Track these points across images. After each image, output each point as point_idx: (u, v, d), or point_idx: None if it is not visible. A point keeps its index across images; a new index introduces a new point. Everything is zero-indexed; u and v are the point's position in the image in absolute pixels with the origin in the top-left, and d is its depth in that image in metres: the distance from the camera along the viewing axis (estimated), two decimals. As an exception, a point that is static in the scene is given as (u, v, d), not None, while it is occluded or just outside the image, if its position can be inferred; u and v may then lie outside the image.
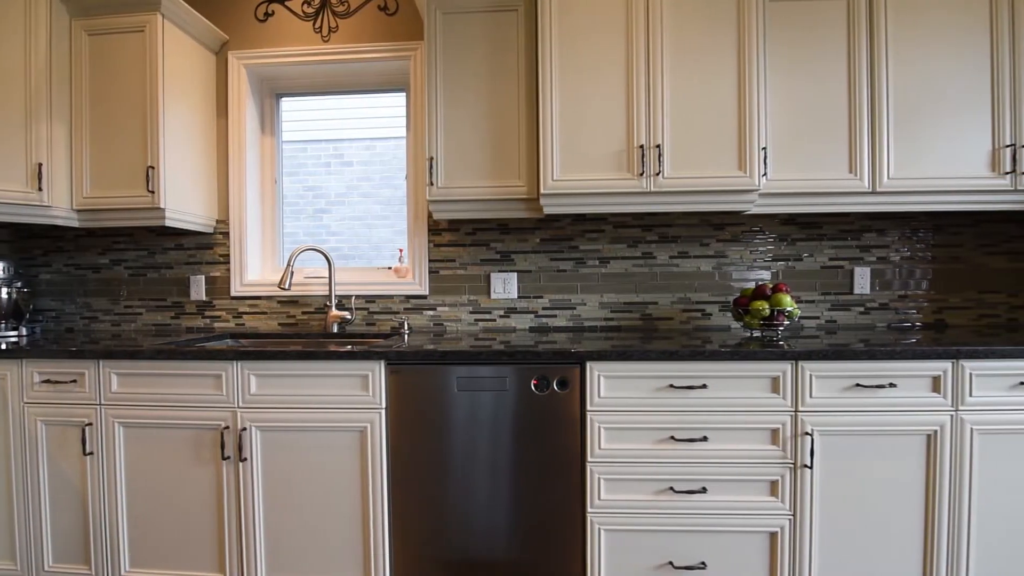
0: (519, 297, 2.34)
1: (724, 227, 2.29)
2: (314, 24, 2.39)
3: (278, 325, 2.40)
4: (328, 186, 3.69)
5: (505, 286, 2.33)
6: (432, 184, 2.00)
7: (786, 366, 1.61)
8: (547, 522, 1.67)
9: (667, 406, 1.64)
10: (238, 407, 1.72)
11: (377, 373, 1.68)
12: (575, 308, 2.33)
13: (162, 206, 2.07)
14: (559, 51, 1.89)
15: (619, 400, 1.64)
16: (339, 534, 1.71)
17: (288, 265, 2.15)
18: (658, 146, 1.87)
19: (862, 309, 2.27)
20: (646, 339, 1.90)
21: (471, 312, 2.35)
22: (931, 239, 2.26)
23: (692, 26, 1.87)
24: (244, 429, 1.71)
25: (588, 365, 1.64)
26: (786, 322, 1.94)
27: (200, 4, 2.40)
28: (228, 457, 1.72)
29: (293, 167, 3.67)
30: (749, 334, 2.04)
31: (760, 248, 2.28)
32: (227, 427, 1.72)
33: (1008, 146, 1.91)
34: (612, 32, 1.88)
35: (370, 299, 2.38)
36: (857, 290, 2.27)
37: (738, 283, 2.28)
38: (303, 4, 2.39)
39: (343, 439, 1.70)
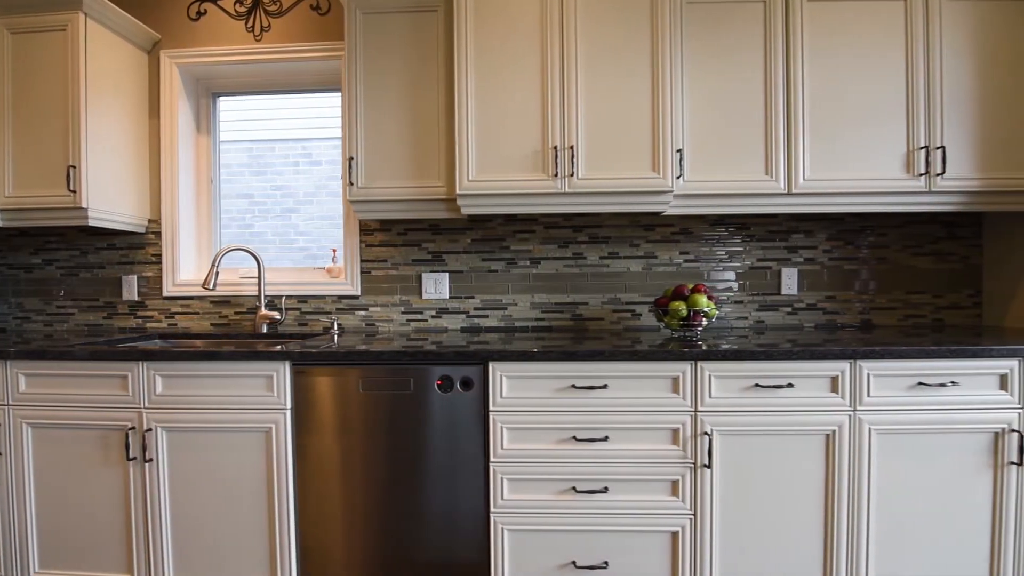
0: (451, 297, 2.34)
1: (654, 228, 2.30)
2: (246, 23, 2.38)
3: (210, 325, 2.39)
4: (296, 185, 3.68)
5: (436, 286, 2.33)
6: (352, 184, 2.00)
7: (685, 366, 1.62)
8: (452, 522, 1.67)
9: (569, 406, 1.64)
10: (143, 408, 1.71)
11: (282, 374, 1.68)
12: (506, 308, 2.33)
13: (84, 206, 2.06)
14: (475, 52, 1.89)
15: (521, 400, 1.65)
16: (245, 534, 1.71)
17: (213, 265, 2.14)
18: (572, 147, 1.87)
19: (790, 310, 2.29)
20: (577, 339, 1.90)
21: (403, 312, 2.35)
22: (858, 240, 2.28)
23: (606, 29, 1.87)
24: (149, 430, 1.70)
25: (491, 365, 1.65)
26: (704, 322, 1.95)
27: (131, 3, 2.39)
28: (134, 458, 1.71)
29: (260, 166, 3.65)
30: (671, 334, 2.04)
31: (690, 249, 2.29)
32: (133, 428, 1.71)
33: (921, 148, 1.92)
34: (527, 33, 1.88)
35: (303, 299, 2.38)
36: (785, 291, 2.28)
37: (667, 283, 2.29)
38: (235, 3, 2.38)
39: (248, 439, 1.70)
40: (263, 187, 3.64)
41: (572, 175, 1.88)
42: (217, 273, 2.15)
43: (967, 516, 1.63)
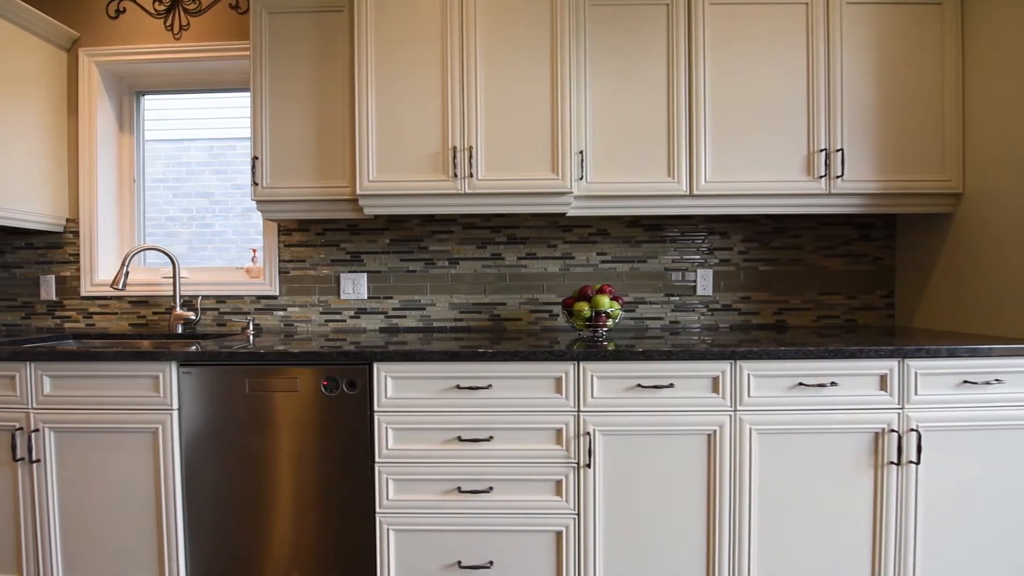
0: (369, 298, 2.34)
1: (571, 228, 2.31)
2: (165, 22, 2.37)
3: (128, 326, 2.38)
4: (259, 184, 3.66)
5: (355, 287, 2.33)
6: (257, 184, 1.99)
7: (568, 367, 1.63)
8: (340, 523, 1.68)
9: (454, 407, 1.65)
10: (31, 408, 1.70)
11: (169, 374, 1.67)
12: (425, 309, 2.33)
13: (-10, 204, 2.04)
14: (376, 51, 1.89)
15: (407, 401, 1.65)
16: (134, 534, 1.71)
17: (123, 265, 2.13)
18: (471, 148, 1.87)
19: (705, 310, 2.30)
20: (494, 340, 1.90)
21: (321, 313, 2.35)
22: (772, 242, 2.29)
23: (506, 29, 1.88)
24: (36, 430, 1.70)
25: (375, 366, 1.65)
26: (609, 322, 1.96)
27: (48, 1, 2.37)
28: (21, 458, 1.70)
29: (221, 165, 3.63)
30: (578, 335, 2.05)
31: (607, 250, 2.30)
32: (20, 428, 1.70)
33: (821, 150, 1.94)
34: (428, 32, 1.89)
35: (221, 299, 2.37)
36: (700, 291, 2.29)
37: (584, 284, 2.30)
38: (154, 2, 2.37)
39: (136, 440, 1.69)
40: (224, 186, 3.63)
41: (472, 176, 1.88)
42: (127, 273, 2.14)
43: (849, 515, 1.65)
